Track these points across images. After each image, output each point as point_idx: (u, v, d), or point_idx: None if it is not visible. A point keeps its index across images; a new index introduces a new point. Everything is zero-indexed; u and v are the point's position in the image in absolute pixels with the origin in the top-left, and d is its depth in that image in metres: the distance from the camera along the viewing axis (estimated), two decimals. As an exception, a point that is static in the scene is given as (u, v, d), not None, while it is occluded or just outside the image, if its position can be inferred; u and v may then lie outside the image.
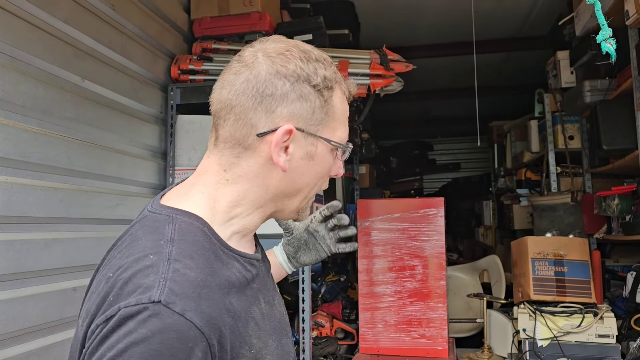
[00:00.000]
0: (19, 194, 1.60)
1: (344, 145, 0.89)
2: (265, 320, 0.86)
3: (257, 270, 0.88)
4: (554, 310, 2.54)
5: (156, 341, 0.65)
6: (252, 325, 0.81)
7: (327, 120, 0.86)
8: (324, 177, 0.90)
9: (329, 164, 0.89)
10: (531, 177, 4.07)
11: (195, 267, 0.75)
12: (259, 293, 0.87)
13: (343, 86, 0.89)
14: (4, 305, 1.53)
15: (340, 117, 0.88)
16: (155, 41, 2.41)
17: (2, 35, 1.55)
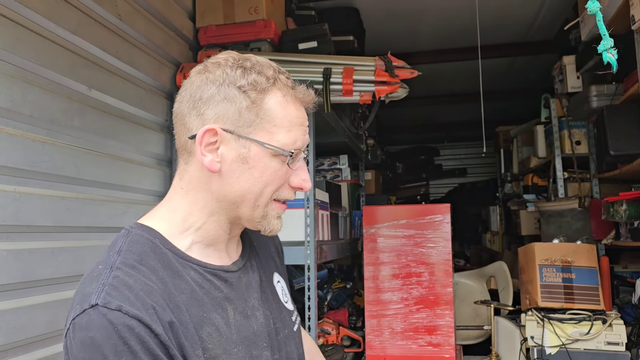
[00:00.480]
0: (27, 203, 1.61)
1: (283, 150, 0.87)
2: (232, 329, 0.87)
3: (225, 281, 0.90)
4: (562, 318, 2.53)
5: (101, 338, 0.72)
6: (209, 330, 0.83)
7: (260, 123, 0.87)
8: (272, 184, 0.88)
9: (271, 170, 0.88)
10: (538, 182, 4.06)
11: (136, 274, 0.80)
12: (225, 302, 0.88)
13: (286, 91, 0.89)
14: (11, 314, 1.53)
15: (280, 121, 0.88)
16: (161, 50, 2.43)
17: (10, 46, 1.57)
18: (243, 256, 0.98)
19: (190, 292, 0.84)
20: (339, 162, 3.64)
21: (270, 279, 1.04)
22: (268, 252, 1.09)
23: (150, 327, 0.75)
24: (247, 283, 0.95)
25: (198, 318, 0.83)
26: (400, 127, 6.94)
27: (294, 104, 0.90)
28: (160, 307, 0.78)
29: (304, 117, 0.92)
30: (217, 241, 0.93)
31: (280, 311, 1.00)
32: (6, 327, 1.51)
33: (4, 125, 1.54)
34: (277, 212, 0.91)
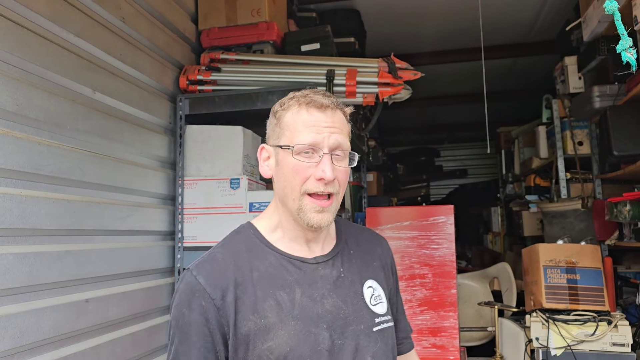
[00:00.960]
0: (33, 207, 1.60)
1: (289, 146, 1.09)
2: (296, 306, 1.07)
3: (299, 268, 1.11)
4: (567, 319, 2.52)
5: (181, 290, 1.08)
6: (271, 302, 1.06)
7: (282, 132, 1.11)
8: (295, 177, 1.08)
9: (292, 165, 1.08)
10: (540, 183, 4.05)
11: (223, 252, 1.12)
12: (295, 284, 1.09)
13: (301, 101, 1.11)
14: (18, 318, 1.53)
15: (292, 127, 1.10)
16: (164, 52, 2.43)
17: (16, 49, 1.56)
18: (328, 255, 1.16)
19: (264, 271, 1.09)
20: (341, 163, 3.63)
21: (359, 282, 1.18)
22: (370, 263, 1.24)
23: (210, 294, 1.05)
24: (323, 275, 1.13)
25: (264, 292, 1.07)
26: (401, 129, 6.94)
27: (307, 110, 1.09)
28: (226, 282, 1.06)
29: (317, 119, 1.08)
30: (297, 237, 1.14)
31: (359, 308, 1.13)
32: (13, 331, 1.50)
33: (10, 129, 1.54)
34: (311, 206, 1.07)
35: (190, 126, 2.48)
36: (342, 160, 1.10)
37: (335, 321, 1.09)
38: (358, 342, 1.09)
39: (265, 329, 1.04)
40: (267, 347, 1.03)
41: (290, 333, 1.05)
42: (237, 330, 1.04)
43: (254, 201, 2.34)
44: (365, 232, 1.31)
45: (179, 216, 2.39)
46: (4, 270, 1.49)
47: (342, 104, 1.16)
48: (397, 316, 1.28)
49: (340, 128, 1.10)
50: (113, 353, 1.96)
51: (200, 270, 1.08)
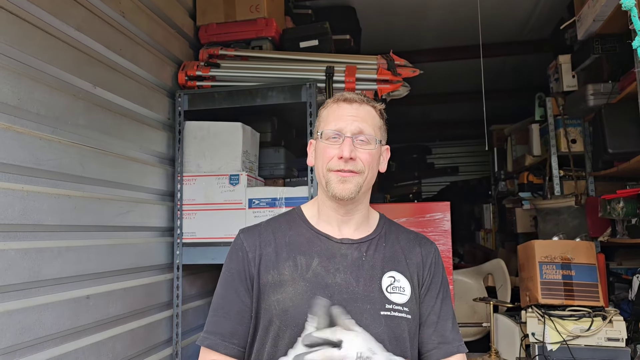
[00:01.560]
0: (34, 202, 1.59)
1: (318, 133, 1.27)
2: (310, 271, 1.22)
3: (324, 243, 1.26)
4: (562, 314, 2.55)
5: (230, 246, 1.32)
6: (290, 263, 1.23)
7: (320, 124, 1.29)
8: (323, 158, 1.25)
9: (321, 149, 1.26)
10: (533, 180, 4.09)
11: (267, 222, 1.35)
12: (315, 255, 1.25)
13: (336, 98, 1.29)
14: (19, 314, 1.51)
15: (324, 118, 1.28)
16: (163, 47, 2.41)
17: (17, 43, 1.54)
18: (357, 240, 1.28)
19: (295, 239, 1.28)
20: (336, 160, 3.64)
21: (381, 269, 1.27)
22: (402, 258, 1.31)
23: (246, 248, 1.27)
24: (344, 254, 1.26)
25: (288, 254, 1.25)
26: (392, 126, 6.95)
27: (337, 104, 1.27)
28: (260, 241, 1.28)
29: (344, 111, 1.25)
30: (330, 218, 1.29)
31: (370, 290, 1.22)
32: (15, 328, 1.49)
33: (12, 123, 1.52)
34: (335, 178, 1.22)
35: (189, 122, 2.46)
36: (366, 145, 1.24)
37: (340, 294, 1.20)
38: (360, 319, 1.16)
39: (280, 283, 1.21)
40: (275, 299, 1.20)
41: (297, 291, 1.19)
42: (260, 279, 1.23)
43: (253, 197, 2.33)
44: (411, 234, 1.39)
45: (178, 212, 2.38)
46: (6, 266, 1.47)
47: (373, 101, 1.32)
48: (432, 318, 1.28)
49: (364, 118, 1.25)
50: (113, 350, 1.95)
51: (244, 231, 1.33)
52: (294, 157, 2.84)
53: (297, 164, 2.84)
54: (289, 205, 2.29)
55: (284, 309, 1.18)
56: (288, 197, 2.30)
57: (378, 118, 1.29)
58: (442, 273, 1.35)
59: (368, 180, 1.25)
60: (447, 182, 7.67)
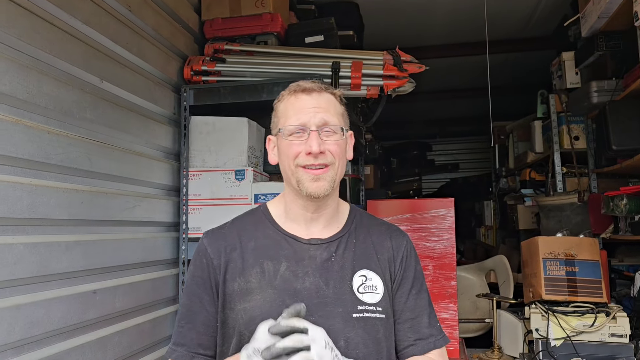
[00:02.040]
0: (43, 196, 1.58)
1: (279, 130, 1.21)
2: (277, 277, 1.16)
3: (292, 245, 1.21)
4: (566, 310, 2.55)
5: (194, 251, 1.25)
6: (257, 270, 1.18)
7: (277, 120, 1.23)
8: (288, 155, 1.18)
9: (283, 146, 1.19)
10: (535, 177, 4.09)
11: (231, 223, 1.28)
12: (284, 259, 1.19)
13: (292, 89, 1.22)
14: (28, 308, 1.51)
15: (283, 112, 1.21)
16: (168, 42, 2.40)
17: (26, 37, 1.54)
18: (325, 240, 1.23)
19: (261, 242, 1.22)
20: (340, 156, 3.63)
21: (351, 269, 1.22)
22: (373, 254, 1.26)
23: (210, 254, 1.21)
24: (312, 256, 1.20)
25: (255, 259, 1.19)
26: (393, 123, 6.96)
27: (294, 96, 1.20)
28: (225, 246, 1.21)
29: (304, 102, 1.19)
30: (298, 217, 1.23)
31: (341, 292, 1.18)
32: (23, 322, 1.49)
33: (21, 117, 1.52)
34: (307, 176, 1.16)
35: (195, 117, 2.46)
36: (332, 136, 1.18)
37: (310, 299, 1.15)
38: (332, 323, 1.12)
39: (246, 291, 1.16)
40: (242, 308, 1.16)
41: (265, 299, 1.15)
42: (226, 288, 1.18)
43: (259, 192, 2.33)
44: (382, 226, 1.34)
45: (184, 207, 2.38)
46: (15, 260, 1.47)
47: (332, 87, 1.26)
48: (406, 315, 1.25)
49: (326, 108, 1.19)
50: (119, 344, 1.95)
51: (208, 235, 1.27)
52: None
53: (301, 160, 2.84)
54: (294, 201, 2.29)
55: (251, 318, 1.13)
56: (294, 192, 2.29)
57: (339, 105, 1.24)
58: (415, 265, 1.30)
59: (340, 173, 1.21)
60: (447, 179, 7.68)
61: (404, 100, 4.87)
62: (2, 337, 1.39)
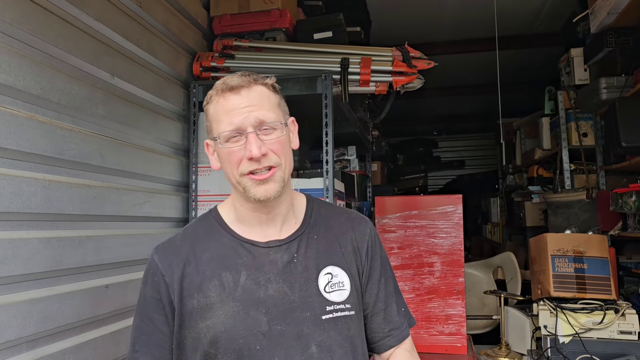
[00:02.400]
0: (56, 192, 1.59)
1: (214, 137, 1.13)
2: (238, 288, 1.09)
3: (248, 251, 1.14)
4: (574, 307, 2.55)
5: (145, 269, 1.18)
6: (216, 282, 1.10)
7: (210, 125, 1.15)
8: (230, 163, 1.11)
9: (223, 154, 1.12)
10: (543, 174, 4.09)
11: (183, 234, 1.20)
12: (242, 267, 1.11)
13: (219, 89, 1.12)
14: (42, 303, 1.52)
15: (214, 116, 1.13)
16: (178, 38, 2.41)
17: (39, 32, 1.54)
18: (284, 240, 1.16)
19: (216, 253, 1.14)
20: (347, 152, 3.65)
21: (315, 268, 1.15)
22: (337, 248, 1.20)
23: (161, 271, 1.13)
24: (273, 260, 1.13)
25: (212, 272, 1.11)
26: (399, 119, 6.96)
27: (223, 96, 1.11)
28: (178, 261, 1.13)
29: (234, 103, 1.10)
30: (251, 220, 1.16)
31: (308, 295, 1.11)
32: (38, 316, 1.50)
33: (34, 113, 1.52)
34: (252, 183, 1.10)
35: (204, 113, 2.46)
36: (272, 133, 1.11)
37: (276, 306, 1.09)
38: (302, 329, 1.08)
39: (206, 307, 1.09)
40: (205, 326, 1.08)
41: (227, 314, 1.08)
42: (183, 306, 1.10)
43: (268, 189, 2.33)
44: (342, 216, 1.27)
45: (193, 203, 2.39)
46: (29, 255, 1.48)
47: (262, 78, 1.15)
48: (379, 306, 1.22)
49: (259, 104, 1.10)
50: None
51: (158, 250, 1.17)
52: (307, 149, 2.84)
53: (310, 156, 2.84)
54: (304, 197, 2.29)
55: (215, 336, 1.07)
56: (303, 188, 2.30)
57: (273, 95, 1.15)
58: (380, 253, 1.25)
59: (288, 169, 1.14)
60: (453, 176, 7.67)
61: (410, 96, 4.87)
62: (17, 331, 1.41)
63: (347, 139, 3.43)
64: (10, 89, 1.42)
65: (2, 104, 1.40)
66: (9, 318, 1.38)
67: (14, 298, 1.41)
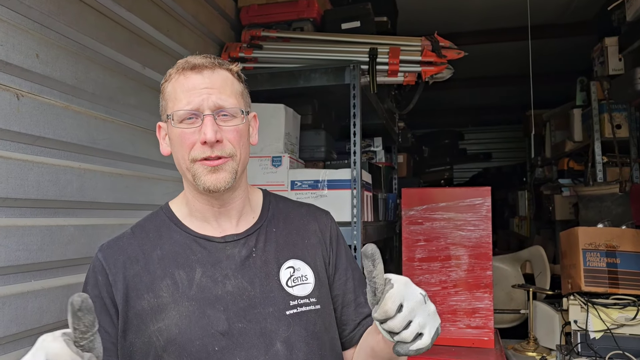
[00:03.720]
0: (90, 180, 1.62)
1: (167, 116, 1.07)
2: (193, 287, 1.03)
3: (203, 247, 1.07)
4: (606, 302, 2.50)
5: (89, 267, 1.10)
6: (168, 282, 1.03)
7: (165, 105, 1.09)
8: (181, 147, 1.04)
9: (175, 136, 1.05)
10: (574, 166, 4.00)
11: (131, 231, 1.12)
12: (196, 264, 1.05)
13: (178, 67, 1.08)
14: (78, 288, 1.55)
15: (171, 94, 1.07)
16: (206, 29, 2.42)
17: (75, 24, 1.57)
18: (241, 234, 1.10)
19: (168, 250, 1.07)
20: (373, 144, 3.62)
21: (276, 262, 1.10)
22: (299, 241, 1.14)
23: (105, 269, 1.06)
24: (230, 255, 1.07)
25: (163, 270, 1.04)
26: (425, 111, 6.88)
27: (184, 74, 1.06)
28: (124, 259, 1.06)
29: (194, 82, 1.04)
30: (204, 213, 1.10)
31: (269, 290, 1.06)
32: (74, 301, 1.54)
33: (70, 103, 1.56)
34: (202, 169, 1.03)
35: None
36: (230, 120, 1.04)
37: (236, 303, 1.03)
38: (264, 325, 1.02)
39: (158, 308, 1.01)
40: (157, 329, 1.00)
41: (182, 314, 1.00)
42: (129, 309, 1.01)
43: (295, 179, 2.34)
44: (302, 208, 1.23)
45: (221, 193, 2.40)
46: (66, 241, 1.52)
47: (227, 63, 1.10)
48: (349, 297, 1.17)
49: (221, 88, 1.04)
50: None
51: (103, 248, 1.10)
52: (334, 139, 2.84)
53: (336, 147, 2.84)
54: (331, 188, 2.29)
55: (169, 339, 0.99)
56: (330, 179, 2.30)
57: (237, 82, 1.10)
58: (344, 243, 1.22)
59: (243, 161, 1.08)
60: (479, 169, 7.57)
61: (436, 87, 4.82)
62: (56, 315, 1.44)
63: (373, 130, 3.41)
64: (47, 79, 1.45)
65: (40, 94, 1.43)
66: (47, 303, 1.42)
67: (52, 283, 1.45)
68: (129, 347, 1.02)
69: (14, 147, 1.35)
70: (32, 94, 1.40)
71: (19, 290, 1.33)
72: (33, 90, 1.41)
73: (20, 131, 1.35)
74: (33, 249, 1.38)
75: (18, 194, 1.33)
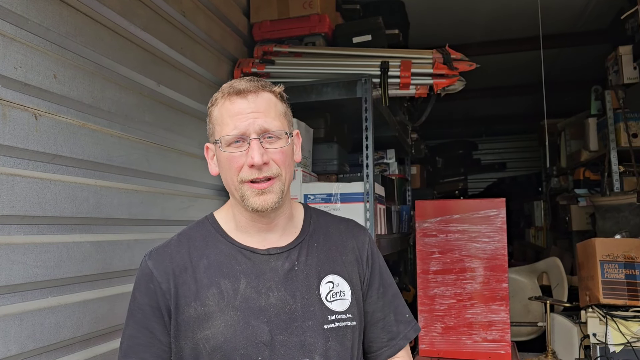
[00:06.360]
0: (106, 197, 1.65)
1: (216, 140, 1.11)
2: (238, 297, 1.06)
3: (248, 259, 1.11)
4: (625, 315, 2.46)
5: (136, 275, 1.15)
6: (214, 291, 1.07)
7: (213, 128, 1.13)
8: (229, 169, 1.09)
9: (223, 159, 1.10)
10: (590, 176, 3.95)
11: (178, 240, 1.17)
12: (241, 274, 1.09)
13: (225, 92, 1.11)
14: (94, 304, 1.58)
15: (219, 120, 1.11)
16: (220, 45, 2.45)
17: (92, 44, 1.61)
18: (284, 248, 1.14)
19: (214, 259, 1.11)
20: (385, 156, 3.62)
21: (317, 276, 1.13)
22: (338, 257, 1.18)
23: (157, 277, 1.09)
24: (274, 267, 1.11)
25: (209, 279, 1.08)
26: (438, 121, 6.87)
27: (229, 100, 1.09)
28: (173, 267, 1.10)
29: (240, 107, 1.08)
30: (249, 228, 1.14)
31: (310, 304, 1.09)
32: (90, 317, 1.56)
33: (86, 121, 1.59)
34: (251, 191, 1.08)
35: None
36: (275, 142, 1.09)
37: (278, 315, 1.06)
38: (304, 338, 1.06)
39: (205, 316, 1.05)
40: (203, 336, 1.04)
41: (227, 323, 1.05)
42: (179, 315, 1.07)
43: (308, 193, 2.35)
44: (341, 224, 1.26)
45: (235, 207, 2.42)
46: (82, 257, 1.54)
47: (269, 85, 1.13)
48: (378, 315, 1.21)
49: (266, 111, 1.08)
50: (176, 340, 2.01)
51: (152, 255, 1.13)
52: (346, 152, 2.84)
53: (349, 160, 2.84)
54: (344, 202, 2.29)
55: (215, 347, 1.04)
56: (344, 192, 2.30)
57: (280, 104, 1.13)
58: (379, 261, 1.25)
59: (288, 180, 1.12)
60: (493, 179, 7.51)
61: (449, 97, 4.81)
62: (71, 331, 1.46)
63: (386, 142, 3.41)
64: (65, 99, 1.49)
65: (58, 113, 1.47)
66: (64, 319, 1.44)
67: (68, 299, 1.47)
68: (179, 352, 1.07)
69: (32, 165, 1.38)
70: (50, 113, 1.44)
71: (37, 307, 1.35)
72: (51, 110, 1.44)
73: (38, 150, 1.38)
74: (50, 266, 1.40)
75: (36, 212, 1.36)
